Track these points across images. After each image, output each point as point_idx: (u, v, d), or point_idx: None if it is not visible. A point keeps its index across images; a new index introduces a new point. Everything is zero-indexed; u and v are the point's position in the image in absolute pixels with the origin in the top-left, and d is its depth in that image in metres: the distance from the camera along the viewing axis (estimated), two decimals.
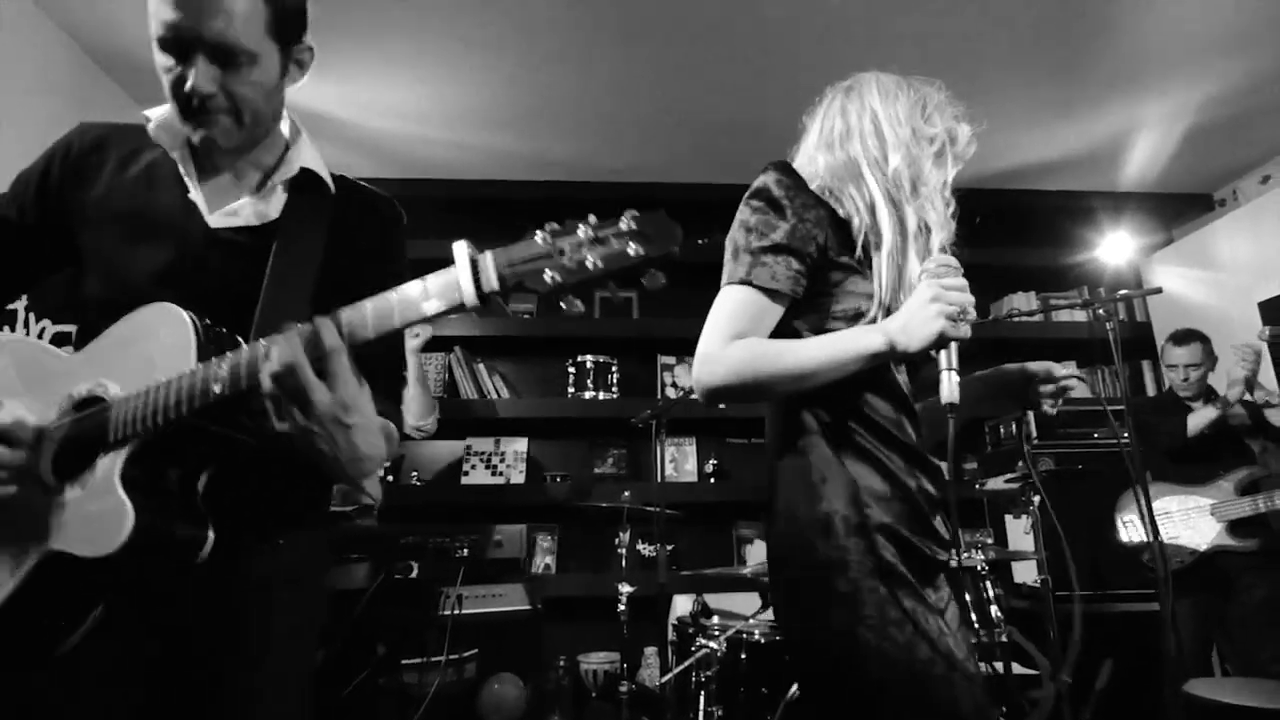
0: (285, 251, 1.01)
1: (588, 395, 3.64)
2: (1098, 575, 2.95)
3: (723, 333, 1.06)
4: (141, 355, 0.90)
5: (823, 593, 1.02)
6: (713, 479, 3.72)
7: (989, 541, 3.30)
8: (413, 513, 3.41)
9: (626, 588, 2.71)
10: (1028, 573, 3.17)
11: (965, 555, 2.26)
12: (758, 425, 3.67)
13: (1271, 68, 3.08)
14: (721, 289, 1.10)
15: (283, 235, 1.02)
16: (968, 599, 2.15)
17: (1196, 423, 2.89)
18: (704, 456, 3.82)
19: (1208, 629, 2.83)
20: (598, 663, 3.16)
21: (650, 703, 2.96)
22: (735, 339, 1.05)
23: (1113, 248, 3.74)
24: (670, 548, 3.57)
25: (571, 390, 3.68)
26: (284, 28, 0.97)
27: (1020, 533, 3.32)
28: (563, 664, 3.22)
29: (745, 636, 2.25)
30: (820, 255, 1.10)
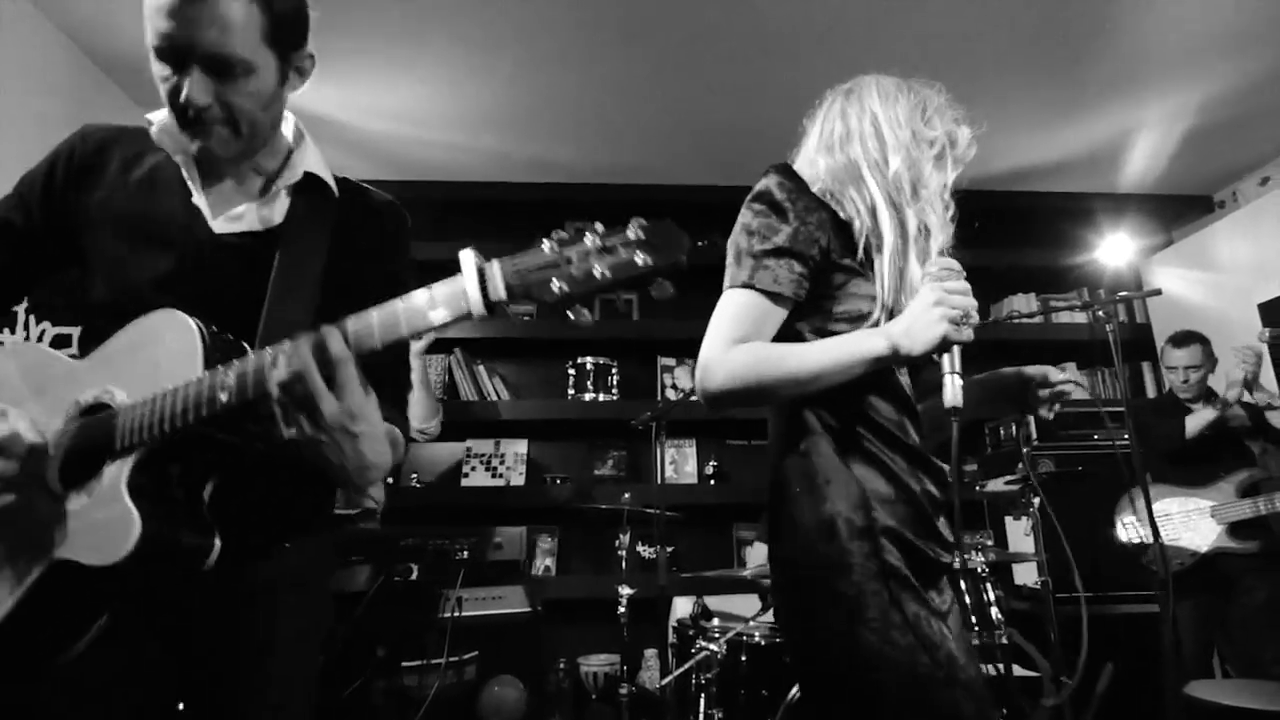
0: (289, 256, 1.00)
1: (588, 397, 3.65)
2: (1098, 577, 2.94)
3: (725, 337, 1.05)
4: (148, 361, 0.89)
5: (825, 595, 1.02)
6: (713, 481, 3.72)
7: (989, 543, 3.29)
8: (413, 515, 3.41)
9: (626, 590, 2.70)
10: (1028, 574, 3.17)
11: (965, 557, 2.26)
12: (757, 427, 3.67)
13: (1271, 69, 3.08)
14: (723, 292, 1.10)
15: (287, 240, 1.02)
16: (968, 601, 2.15)
17: (1194, 424, 2.89)
18: (704, 458, 3.82)
19: (1208, 631, 2.83)
20: (598, 665, 3.16)
21: (650, 705, 2.96)
22: (738, 343, 1.04)
23: (1112, 249, 3.74)
24: (670, 550, 3.57)
25: (571, 392, 3.69)
26: (282, 36, 0.95)
27: (1020, 534, 3.32)
28: (563, 666, 3.22)
29: (745, 639, 2.25)
30: (823, 258, 1.10)
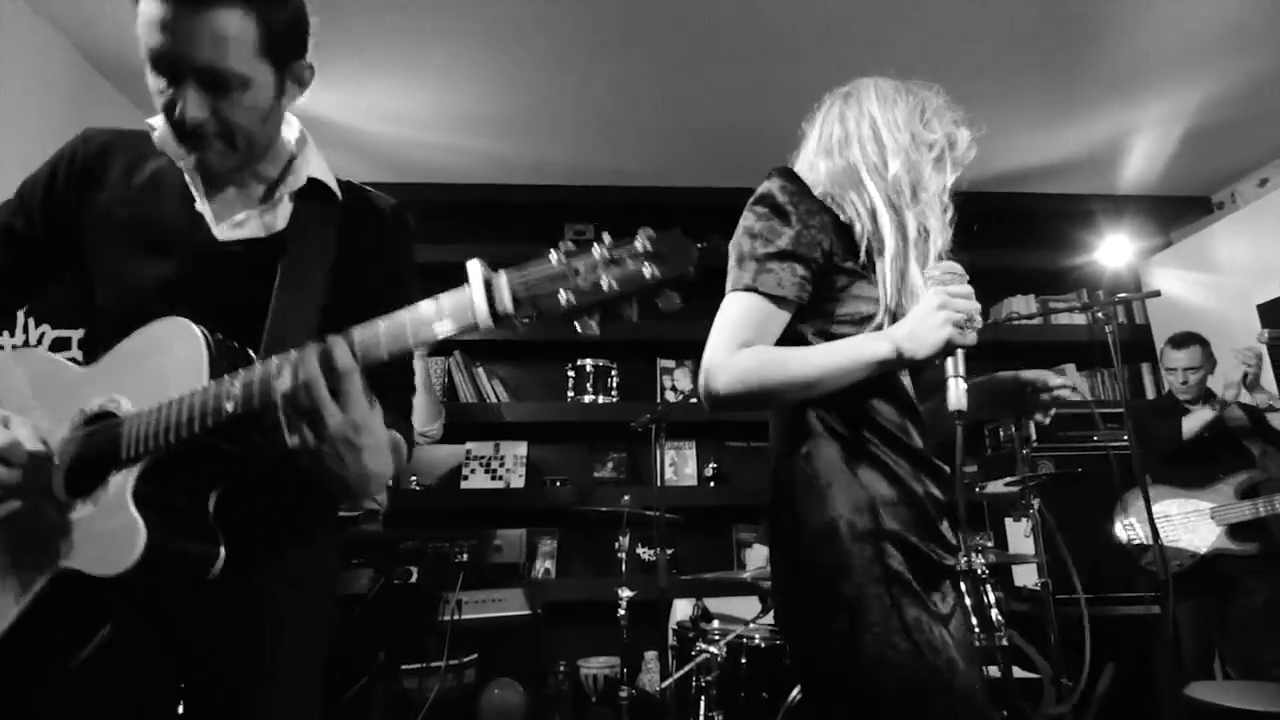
0: (293, 262, 1.00)
1: (587, 399, 3.64)
2: (1098, 578, 2.94)
3: (729, 341, 1.05)
4: (154, 370, 0.89)
5: (826, 598, 1.02)
6: (712, 483, 3.72)
7: (989, 545, 3.29)
8: (412, 518, 3.41)
9: (626, 592, 2.70)
10: (1028, 576, 3.17)
11: (966, 559, 2.26)
12: (757, 429, 3.66)
13: (1269, 70, 3.08)
14: (726, 295, 1.10)
15: (290, 246, 1.01)
16: (968, 603, 2.15)
17: (1191, 425, 2.89)
18: (704, 460, 3.82)
19: (1208, 632, 2.82)
20: (598, 668, 3.15)
21: (650, 708, 2.95)
22: (741, 347, 1.04)
23: (1111, 250, 3.74)
24: (670, 552, 3.56)
25: (571, 394, 3.68)
26: (278, 48, 0.94)
27: (1020, 536, 3.32)
28: (563, 669, 3.21)
29: (745, 641, 2.24)
30: (825, 261, 1.10)
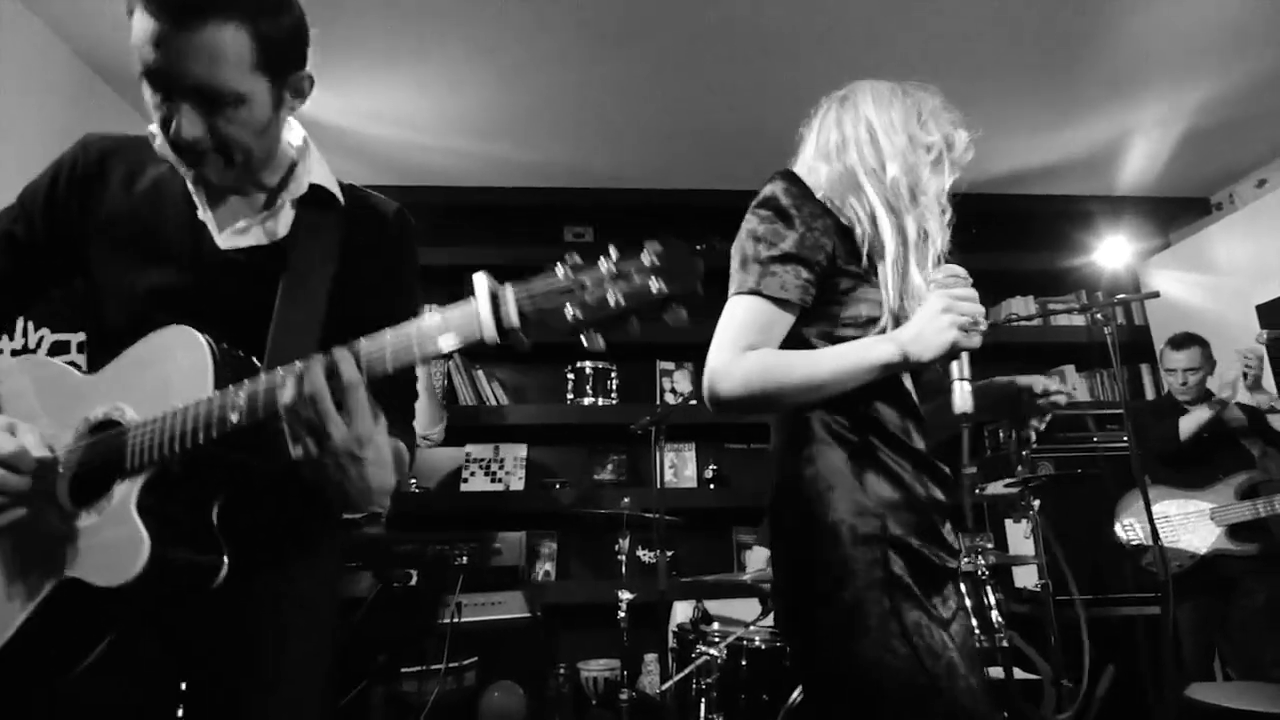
0: (296, 269, 1.00)
1: (587, 401, 3.64)
2: (1098, 579, 2.94)
3: (734, 344, 1.05)
4: (158, 378, 0.89)
5: (826, 601, 1.02)
6: (712, 485, 3.72)
7: (989, 546, 3.29)
8: (412, 520, 3.39)
9: (626, 594, 2.70)
10: (1028, 577, 3.17)
11: (965, 560, 2.26)
12: (756, 430, 3.66)
13: (1268, 71, 3.09)
14: (730, 298, 1.09)
15: (293, 252, 1.01)
16: (968, 604, 2.15)
17: (1189, 425, 2.89)
18: (703, 462, 3.82)
19: (1208, 633, 2.82)
20: (598, 670, 3.15)
21: (651, 710, 2.95)
22: (746, 350, 1.04)
23: (1110, 251, 3.75)
24: (670, 554, 3.56)
25: (571, 396, 3.68)
26: (275, 62, 0.91)
27: (1020, 537, 3.32)
28: (563, 671, 3.20)
29: (746, 643, 2.24)
30: (829, 263, 1.10)
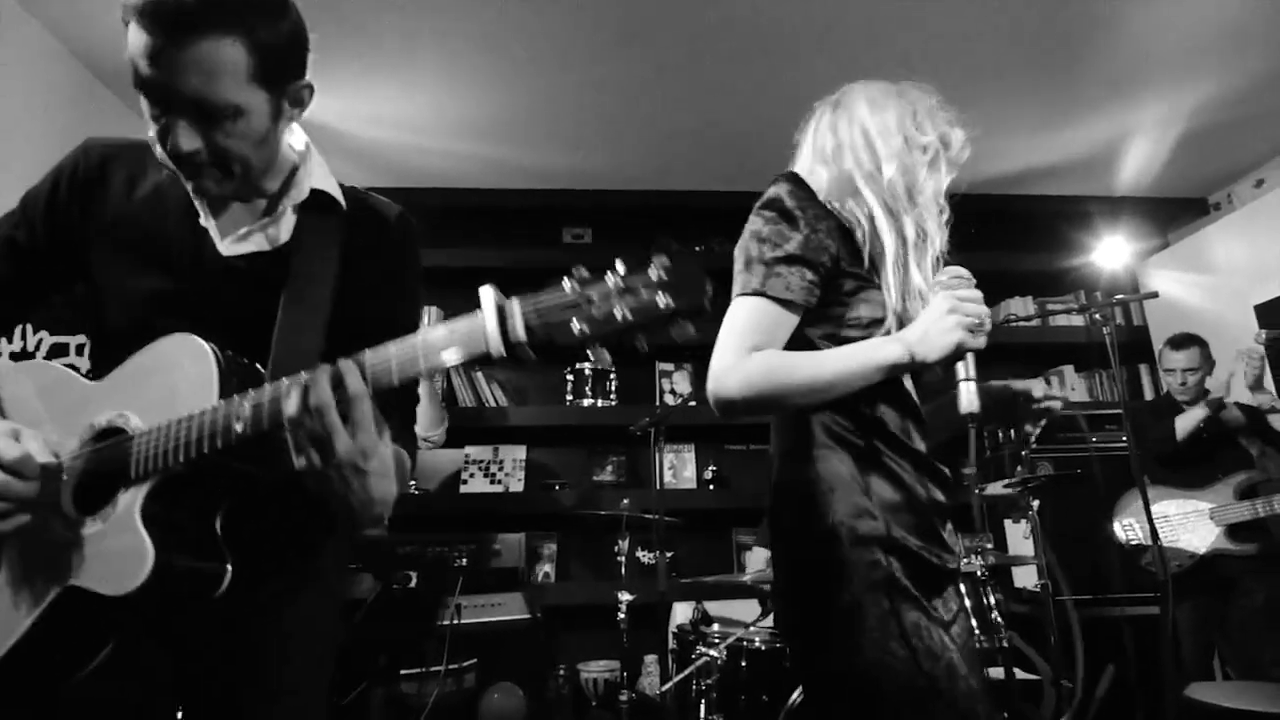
0: (299, 274, 0.99)
1: (586, 402, 3.64)
2: (1098, 579, 2.94)
3: (739, 345, 1.05)
4: (163, 386, 0.89)
5: (825, 603, 1.02)
6: (711, 486, 3.72)
7: (989, 547, 3.29)
8: (411, 522, 3.39)
9: (626, 595, 2.70)
10: (1028, 577, 3.17)
11: (965, 561, 2.26)
12: (755, 431, 3.66)
13: (1266, 72, 3.10)
14: (734, 299, 1.09)
15: (295, 258, 1.00)
16: (968, 605, 2.15)
17: (1185, 425, 2.89)
18: (703, 463, 3.82)
19: (1208, 633, 2.83)
20: (598, 671, 3.15)
21: (651, 711, 2.95)
22: (751, 351, 1.04)
23: (1109, 252, 3.75)
24: (670, 555, 3.56)
25: (570, 398, 3.68)
26: (273, 72, 0.90)
27: (1020, 537, 3.32)
28: (563, 673, 3.20)
29: (745, 644, 2.24)
30: (833, 265, 1.10)
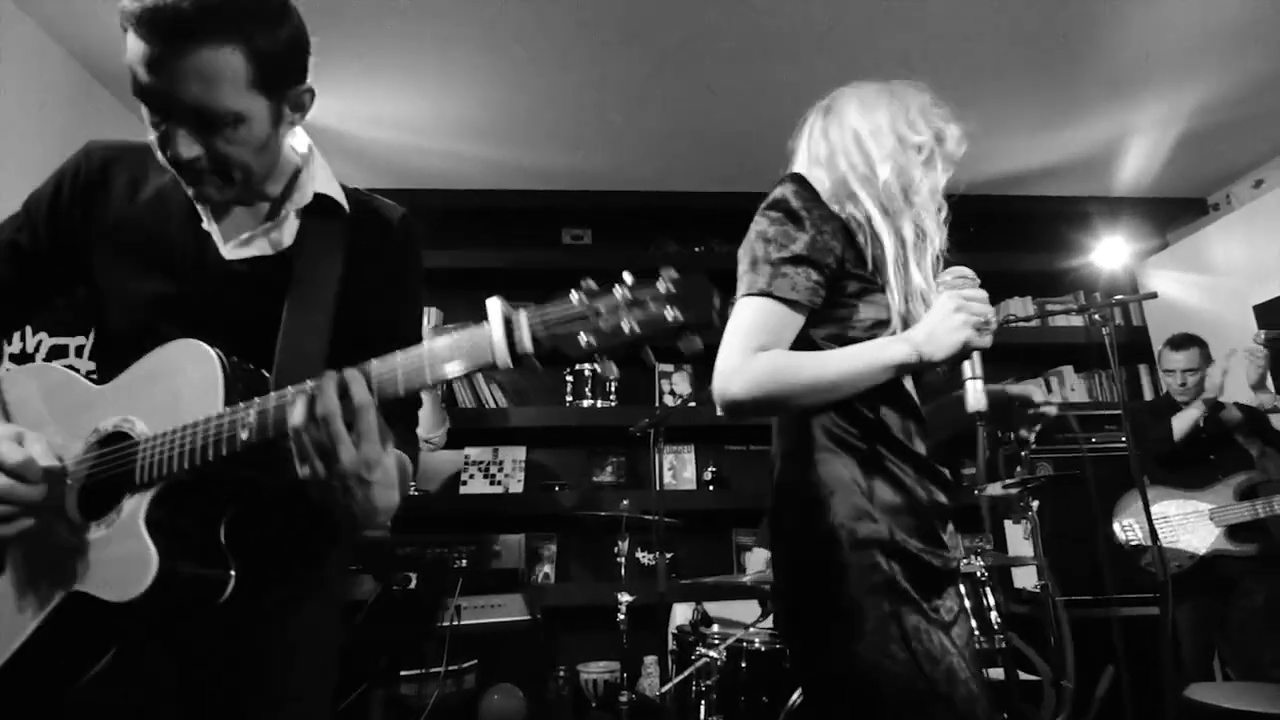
0: (303, 278, 0.99)
1: (586, 403, 3.64)
2: (1098, 579, 2.94)
3: (744, 345, 1.04)
4: (168, 391, 0.89)
5: (825, 605, 1.02)
6: (711, 486, 3.72)
7: (988, 547, 3.30)
8: (411, 523, 3.39)
9: (626, 596, 2.70)
10: (1027, 578, 3.17)
11: (965, 561, 2.27)
12: (756, 432, 3.66)
13: (1265, 72, 3.10)
14: (739, 300, 1.09)
15: (298, 262, 1.00)
16: (968, 606, 2.15)
17: (1181, 425, 2.89)
18: (702, 464, 3.82)
19: (1208, 633, 2.83)
20: (598, 672, 3.15)
21: (650, 712, 2.95)
22: (756, 351, 1.03)
23: (1108, 252, 3.75)
24: (670, 556, 3.56)
25: (570, 398, 3.69)
26: (273, 78, 0.89)
27: (1019, 538, 3.32)
28: (562, 674, 3.20)
29: (745, 645, 2.24)
30: (838, 266, 1.10)
